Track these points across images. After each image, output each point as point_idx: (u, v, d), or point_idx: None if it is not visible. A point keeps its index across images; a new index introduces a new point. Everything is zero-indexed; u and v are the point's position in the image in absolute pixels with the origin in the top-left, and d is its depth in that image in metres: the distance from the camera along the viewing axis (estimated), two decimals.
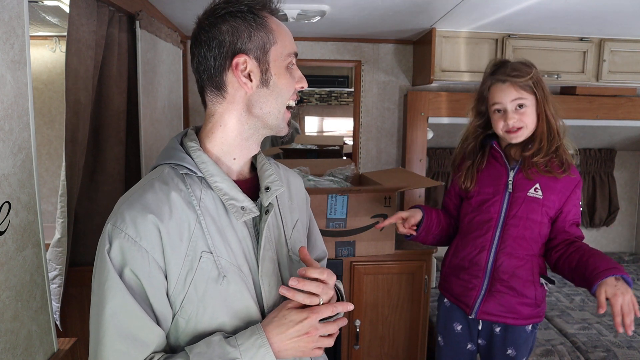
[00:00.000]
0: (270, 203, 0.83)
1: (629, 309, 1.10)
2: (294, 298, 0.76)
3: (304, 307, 0.76)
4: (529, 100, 1.32)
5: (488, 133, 1.45)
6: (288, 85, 0.81)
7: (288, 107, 0.84)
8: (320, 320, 0.76)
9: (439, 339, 1.56)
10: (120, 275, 0.70)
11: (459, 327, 1.48)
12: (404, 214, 1.46)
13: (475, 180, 1.41)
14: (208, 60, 0.78)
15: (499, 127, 1.35)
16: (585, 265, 1.23)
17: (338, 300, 0.88)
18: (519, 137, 1.34)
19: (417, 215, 1.47)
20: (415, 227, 1.48)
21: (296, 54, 0.83)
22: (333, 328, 0.78)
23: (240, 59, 0.76)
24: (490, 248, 1.37)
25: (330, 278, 0.79)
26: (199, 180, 0.79)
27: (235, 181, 0.81)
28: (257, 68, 0.78)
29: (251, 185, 0.87)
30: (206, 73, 0.79)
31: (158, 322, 0.73)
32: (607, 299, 1.12)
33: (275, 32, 0.79)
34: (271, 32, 0.78)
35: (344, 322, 0.81)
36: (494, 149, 1.40)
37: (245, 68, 0.77)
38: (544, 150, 1.32)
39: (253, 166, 0.91)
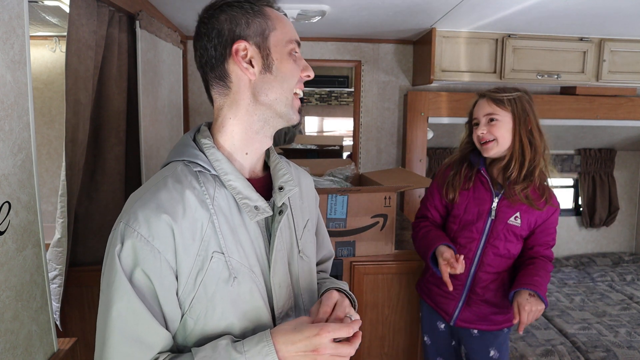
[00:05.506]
0: (283, 203, 0.82)
1: (531, 319, 1.30)
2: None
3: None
4: (502, 116, 1.39)
5: (475, 149, 1.50)
6: (292, 71, 0.80)
7: (296, 95, 0.82)
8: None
9: (425, 338, 1.65)
10: (130, 276, 0.69)
11: (442, 326, 1.59)
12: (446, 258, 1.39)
13: (457, 193, 1.47)
14: (209, 51, 0.78)
15: (475, 139, 1.46)
16: (518, 278, 1.39)
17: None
18: (490, 150, 1.41)
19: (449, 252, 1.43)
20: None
21: (298, 43, 0.82)
22: (347, 351, 0.71)
23: (240, 45, 0.76)
24: (471, 266, 1.47)
25: (339, 308, 0.78)
26: (213, 178, 0.78)
27: (248, 179, 0.80)
28: (257, 54, 0.77)
29: (264, 184, 0.86)
30: (208, 65, 0.79)
31: (166, 323, 0.72)
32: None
33: (273, 19, 0.79)
34: (269, 18, 0.79)
35: (358, 339, 0.74)
36: (481, 174, 1.46)
37: (246, 54, 0.77)
38: (516, 170, 1.38)
39: (266, 164, 0.90)
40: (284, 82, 0.79)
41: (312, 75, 0.83)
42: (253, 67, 0.77)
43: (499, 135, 1.39)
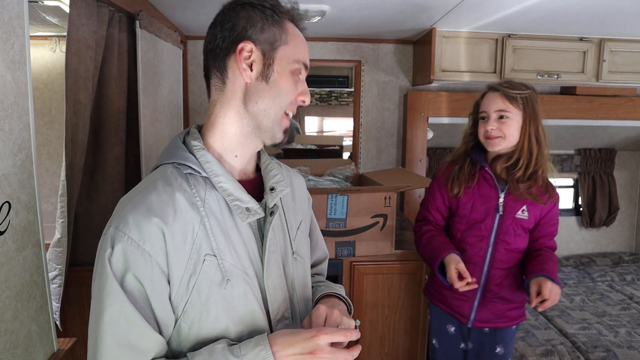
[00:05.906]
0: (275, 204, 0.82)
1: (553, 299, 1.28)
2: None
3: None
4: (514, 114, 1.38)
5: (478, 143, 1.48)
6: (288, 89, 0.79)
7: (286, 115, 0.81)
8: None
9: (434, 341, 1.63)
10: (122, 281, 0.68)
11: (452, 329, 1.57)
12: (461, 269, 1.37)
13: (462, 188, 1.46)
14: (217, 40, 0.78)
15: (481, 133, 1.43)
16: (529, 268, 1.41)
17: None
18: (495, 145, 1.40)
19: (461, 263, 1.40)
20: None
21: (306, 67, 0.82)
22: (344, 357, 0.70)
23: (246, 45, 0.76)
24: (483, 264, 1.45)
25: (329, 321, 0.77)
26: (203, 180, 0.77)
27: (239, 181, 0.79)
28: (260, 60, 0.77)
29: (255, 185, 0.85)
30: (212, 53, 0.79)
31: (159, 328, 0.71)
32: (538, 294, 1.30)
33: (289, 34, 0.79)
34: (285, 32, 0.78)
35: (357, 350, 0.73)
36: (485, 171, 1.45)
37: (250, 57, 0.77)
38: (522, 169, 1.38)
39: (257, 166, 0.89)
40: (276, 96, 0.78)
41: (307, 101, 0.82)
42: (252, 71, 0.77)
43: (508, 133, 1.38)
